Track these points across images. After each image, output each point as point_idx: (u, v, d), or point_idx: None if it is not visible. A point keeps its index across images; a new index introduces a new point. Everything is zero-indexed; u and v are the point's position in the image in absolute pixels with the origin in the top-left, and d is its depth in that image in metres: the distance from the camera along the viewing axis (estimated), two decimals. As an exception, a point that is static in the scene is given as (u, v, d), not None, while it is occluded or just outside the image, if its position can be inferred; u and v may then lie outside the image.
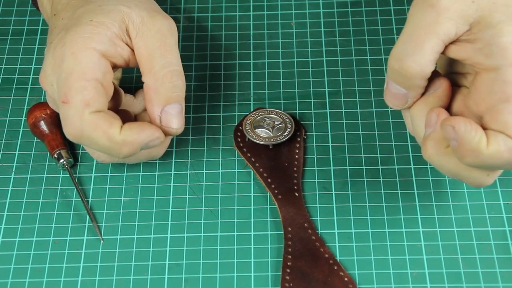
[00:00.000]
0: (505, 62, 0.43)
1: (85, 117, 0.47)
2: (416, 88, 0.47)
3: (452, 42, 0.45)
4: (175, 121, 0.50)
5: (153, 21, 0.51)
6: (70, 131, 0.48)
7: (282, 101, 0.59)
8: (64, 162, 0.55)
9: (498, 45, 0.43)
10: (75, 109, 0.47)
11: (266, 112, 0.57)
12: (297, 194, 0.54)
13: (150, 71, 0.50)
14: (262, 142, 0.55)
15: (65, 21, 0.51)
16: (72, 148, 0.56)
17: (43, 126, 0.55)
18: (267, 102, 0.59)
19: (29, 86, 0.61)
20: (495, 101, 0.44)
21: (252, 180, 0.55)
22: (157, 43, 0.50)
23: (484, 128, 0.44)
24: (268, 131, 0.56)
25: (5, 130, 0.58)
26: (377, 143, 0.56)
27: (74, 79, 0.47)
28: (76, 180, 0.55)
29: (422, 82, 0.46)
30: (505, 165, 0.44)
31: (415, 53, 0.45)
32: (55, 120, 0.56)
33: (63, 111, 0.48)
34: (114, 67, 0.50)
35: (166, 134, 0.50)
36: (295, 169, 0.55)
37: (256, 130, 0.56)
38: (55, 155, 0.55)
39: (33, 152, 0.57)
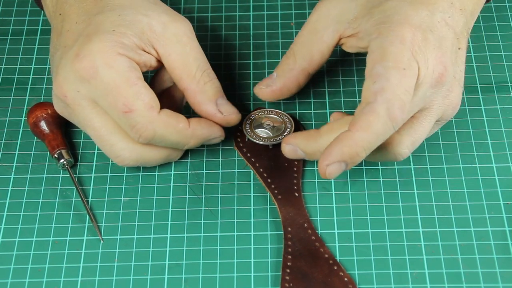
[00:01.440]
0: (376, 33, 0.49)
1: (154, 118, 0.49)
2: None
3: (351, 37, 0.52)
4: (233, 109, 0.53)
5: (176, 25, 0.51)
6: (144, 135, 0.49)
7: (282, 101, 0.59)
8: (64, 162, 0.55)
9: (366, 31, 0.50)
10: (142, 114, 0.49)
11: (266, 112, 0.57)
12: (297, 194, 0.54)
13: (189, 76, 0.51)
14: (262, 142, 0.55)
15: (82, 26, 0.50)
16: (72, 149, 0.56)
17: (44, 126, 0.55)
18: (267, 102, 0.59)
19: (29, 86, 0.61)
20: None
21: (252, 180, 0.55)
22: (187, 48, 0.51)
23: None
24: (268, 131, 0.55)
25: (5, 130, 0.58)
26: (377, 143, 0.56)
27: (125, 88, 0.48)
28: (76, 180, 0.55)
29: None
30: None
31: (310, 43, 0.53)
32: (55, 120, 0.56)
33: (129, 120, 0.49)
34: None
35: (228, 124, 0.53)
36: (295, 169, 0.55)
37: (256, 130, 0.56)
38: (56, 155, 0.55)
39: (33, 152, 0.57)
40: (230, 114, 0.53)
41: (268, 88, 0.55)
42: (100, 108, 0.50)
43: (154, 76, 0.55)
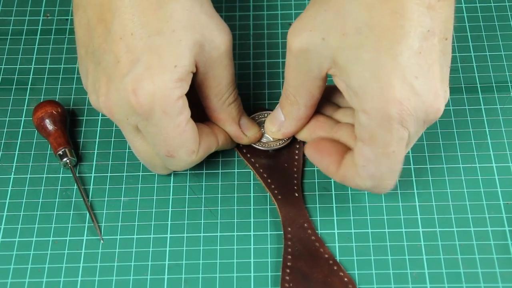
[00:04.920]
0: (358, 107, 0.45)
1: (193, 161, 0.51)
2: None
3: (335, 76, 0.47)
4: (256, 128, 0.55)
5: (223, 44, 0.49)
6: (180, 170, 0.53)
7: (282, 101, 0.59)
8: (68, 161, 0.55)
9: (352, 89, 0.45)
10: (182, 160, 0.50)
11: (266, 114, 0.57)
12: (297, 194, 0.54)
13: (216, 96, 0.51)
14: (262, 148, 0.55)
15: (139, 44, 0.46)
16: (73, 148, 0.56)
17: (49, 124, 0.56)
18: (267, 102, 0.59)
19: (29, 86, 0.61)
20: (356, 138, 0.47)
21: (252, 180, 0.55)
22: (225, 71, 0.50)
23: None
24: (268, 135, 0.55)
25: (5, 130, 0.58)
26: (377, 143, 0.56)
27: (173, 137, 0.48)
28: (78, 179, 0.55)
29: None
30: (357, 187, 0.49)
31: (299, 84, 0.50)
32: (60, 119, 0.56)
33: (169, 162, 0.50)
34: None
35: (252, 142, 0.55)
36: (295, 169, 0.55)
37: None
38: (60, 153, 0.55)
39: (33, 152, 0.57)
40: (254, 134, 0.54)
41: (280, 132, 0.54)
42: (143, 135, 0.50)
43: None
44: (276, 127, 0.53)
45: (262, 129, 0.55)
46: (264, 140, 0.55)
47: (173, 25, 0.46)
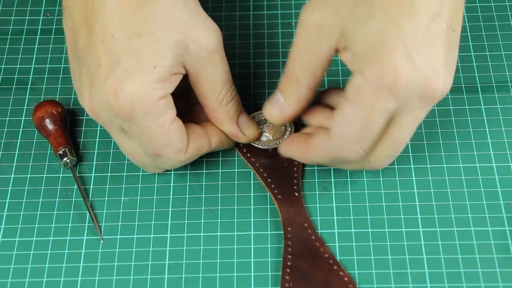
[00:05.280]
0: (356, 69, 0.46)
1: (181, 160, 0.51)
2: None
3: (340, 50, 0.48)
4: (255, 127, 0.55)
5: (211, 42, 0.49)
6: (168, 169, 0.54)
7: (282, 101, 0.59)
8: (68, 161, 0.55)
9: (355, 54, 0.46)
10: (170, 158, 0.50)
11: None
12: (297, 194, 0.54)
13: (213, 95, 0.51)
14: (262, 146, 0.55)
15: (119, 46, 0.47)
16: (73, 148, 0.56)
17: (49, 123, 0.56)
18: (267, 102, 0.59)
19: (29, 86, 0.61)
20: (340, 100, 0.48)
21: (252, 180, 0.55)
22: (217, 68, 0.50)
23: None
24: (268, 134, 0.55)
25: (5, 130, 0.58)
26: (377, 143, 0.56)
27: (157, 136, 0.48)
28: (79, 179, 0.55)
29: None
30: (330, 161, 0.50)
31: (303, 60, 0.49)
32: (61, 118, 0.56)
33: (157, 161, 0.51)
34: None
35: (249, 141, 0.55)
36: (295, 169, 0.55)
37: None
38: (60, 152, 0.55)
39: (33, 151, 0.57)
40: (252, 133, 0.54)
41: (281, 116, 0.52)
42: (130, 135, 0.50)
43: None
44: (277, 110, 0.52)
45: (262, 128, 0.55)
46: (263, 139, 0.55)
47: (152, 27, 0.47)
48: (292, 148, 0.52)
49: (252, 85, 0.60)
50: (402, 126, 0.47)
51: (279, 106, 0.51)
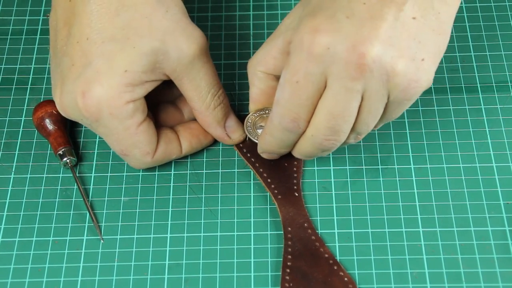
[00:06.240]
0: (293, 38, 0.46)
1: (148, 162, 0.52)
2: (251, 85, 0.52)
3: None
4: (240, 132, 0.55)
5: (192, 49, 0.49)
6: (137, 169, 0.54)
7: (282, 101, 0.59)
8: (68, 161, 0.55)
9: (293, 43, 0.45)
10: (137, 159, 0.52)
11: (267, 112, 0.57)
12: (296, 194, 0.54)
13: (199, 99, 0.51)
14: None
15: (93, 49, 0.47)
16: (74, 148, 0.56)
17: (49, 123, 0.56)
18: (267, 102, 0.59)
19: (29, 86, 0.61)
20: None
21: (252, 180, 0.55)
22: (200, 73, 0.50)
23: None
24: None
25: (5, 130, 0.58)
26: (377, 143, 0.56)
27: (124, 138, 0.50)
28: (79, 179, 0.55)
29: (253, 80, 0.51)
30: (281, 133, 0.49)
31: (258, 51, 0.50)
32: (61, 118, 0.56)
33: (125, 159, 0.53)
34: None
35: (236, 143, 0.56)
36: (295, 169, 0.55)
37: (258, 130, 0.56)
38: (60, 152, 0.55)
39: (33, 152, 0.57)
40: (238, 136, 0.55)
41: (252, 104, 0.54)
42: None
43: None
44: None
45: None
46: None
47: (128, 33, 0.47)
48: (260, 142, 0.52)
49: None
50: (334, 96, 0.45)
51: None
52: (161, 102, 0.55)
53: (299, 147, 0.50)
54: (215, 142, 0.57)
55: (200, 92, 0.51)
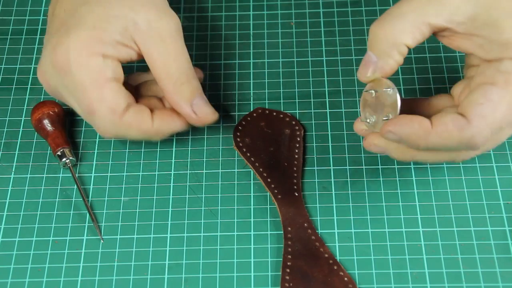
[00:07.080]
0: (504, 55, 0.46)
1: (116, 122, 0.50)
2: (386, 56, 0.48)
3: (452, 34, 0.48)
4: (209, 110, 0.53)
5: (162, 23, 0.51)
6: (105, 135, 0.52)
7: (282, 101, 0.59)
8: (67, 161, 0.55)
9: (498, 42, 0.46)
10: (103, 118, 0.50)
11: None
12: (296, 194, 0.54)
13: (167, 76, 0.51)
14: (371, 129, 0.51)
15: (66, 15, 0.51)
16: (73, 148, 0.56)
17: (47, 124, 0.56)
18: (267, 102, 0.59)
19: (29, 86, 0.61)
20: (478, 83, 0.47)
21: (252, 180, 0.55)
22: (169, 48, 0.51)
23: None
24: (366, 97, 0.50)
25: (5, 130, 0.58)
26: (377, 143, 0.56)
27: (91, 90, 0.49)
28: (78, 179, 0.55)
29: (392, 51, 0.48)
30: (456, 143, 0.47)
31: (394, 19, 0.47)
32: (59, 119, 0.56)
33: (91, 121, 0.51)
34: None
35: (203, 124, 0.53)
36: (295, 169, 0.55)
37: (370, 117, 0.52)
38: (59, 153, 0.55)
39: (33, 151, 0.57)
40: (205, 115, 0.53)
41: (376, 73, 0.50)
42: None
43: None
44: (370, 69, 0.49)
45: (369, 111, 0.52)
46: (369, 121, 0.51)
47: (102, 1, 0.50)
48: (404, 128, 0.47)
49: (252, 85, 0.60)
50: None
51: (373, 65, 0.49)
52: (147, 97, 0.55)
53: (455, 156, 0.50)
54: (214, 142, 0.57)
55: (167, 68, 0.51)
